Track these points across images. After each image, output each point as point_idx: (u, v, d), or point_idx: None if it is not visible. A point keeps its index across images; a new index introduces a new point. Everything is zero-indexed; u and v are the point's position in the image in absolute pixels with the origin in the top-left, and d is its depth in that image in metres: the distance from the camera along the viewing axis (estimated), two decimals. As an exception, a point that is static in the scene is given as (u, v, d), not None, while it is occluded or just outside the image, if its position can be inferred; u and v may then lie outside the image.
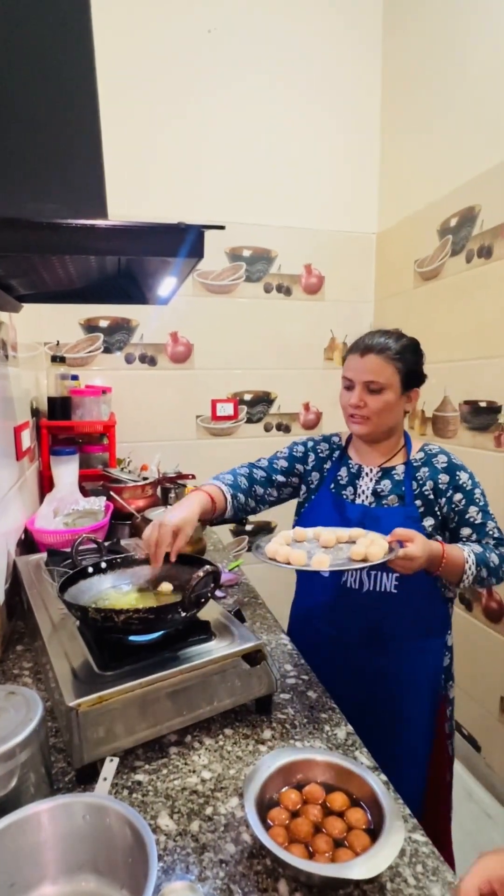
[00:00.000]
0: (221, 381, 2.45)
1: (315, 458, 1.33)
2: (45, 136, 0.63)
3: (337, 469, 1.30)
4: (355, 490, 1.26)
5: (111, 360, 2.30)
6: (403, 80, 2.30)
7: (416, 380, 1.21)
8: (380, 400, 1.16)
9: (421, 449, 1.25)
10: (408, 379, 1.18)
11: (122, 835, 0.59)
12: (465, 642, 2.03)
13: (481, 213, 1.86)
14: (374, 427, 1.19)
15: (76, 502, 1.67)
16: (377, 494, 1.23)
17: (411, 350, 1.19)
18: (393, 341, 1.17)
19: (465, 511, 1.17)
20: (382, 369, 1.15)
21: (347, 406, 1.20)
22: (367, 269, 2.57)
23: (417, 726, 1.24)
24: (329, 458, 1.33)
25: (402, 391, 1.18)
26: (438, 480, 1.19)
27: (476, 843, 1.74)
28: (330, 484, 1.29)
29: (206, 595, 0.93)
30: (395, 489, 1.21)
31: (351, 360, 1.19)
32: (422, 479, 1.20)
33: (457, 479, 1.19)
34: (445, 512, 1.19)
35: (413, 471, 1.22)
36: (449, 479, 1.19)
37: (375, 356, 1.15)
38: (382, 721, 1.18)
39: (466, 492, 1.18)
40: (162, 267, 0.90)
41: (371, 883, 0.63)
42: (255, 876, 0.64)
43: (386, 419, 1.19)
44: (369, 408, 1.17)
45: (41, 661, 1.02)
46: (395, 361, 1.16)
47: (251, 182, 2.34)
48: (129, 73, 2.11)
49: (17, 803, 0.62)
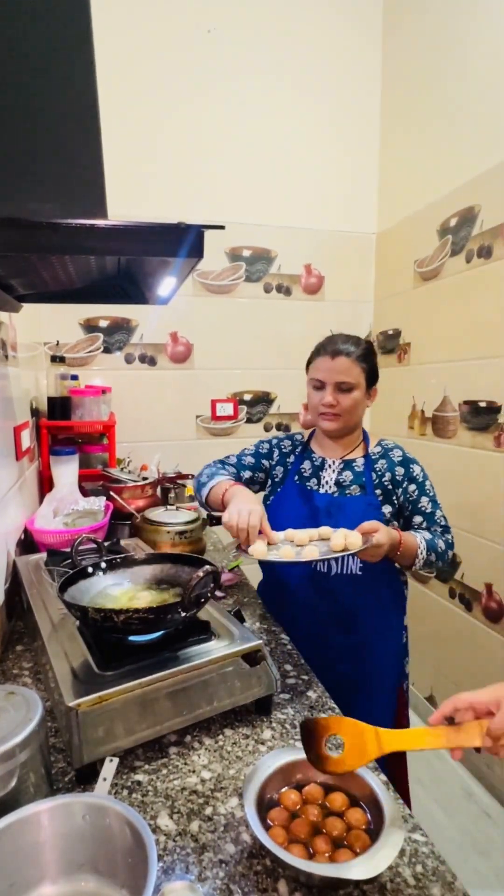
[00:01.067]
0: (221, 381, 2.45)
1: (279, 454, 1.43)
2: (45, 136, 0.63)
3: (300, 462, 1.40)
4: (319, 481, 1.35)
5: (111, 360, 2.30)
6: (403, 81, 2.30)
7: (376, 379, 1.33)
8: (349, 398, 1.27)
9: (378, 443, 1.38)
10: (370, 379, 1.31)
11: (122, 835, 0.59)
12: (464, 642, 2.04)
13: (481, 213, 1.86)
14: (343, 423, 1.30)
15: (76, 502, 1.67)
16: (340, 485, 1.33)
17: (371, 352, 1.32)
18: (355, 345, 1.28)
19: (417, 500, 1.31)
20: (351, 370, 1.26)
21: (319, 405, 1.29)
22: (367, 269, 2.57)
23: (383, 697, 1.36)
24: (292, 452, 1.43)
25: (367, 389, 1.31)
26: (395, 472, 1.31)
27: (476, 842, 1.74)
28: (294, 476, 1.38)
29: (206, 595, 0.93)
30: (356, 479, 1.32)
31: (320, 362, 1.29)
32: (380, 471, 1.32)
33: (411, 472, 1.32)
34: (402, 501, 1.31)
35: (372, 463, 1.33)
36: (404, 471, 1.32)
37: (345, 358, 1.26)
38: (351, 695, 1.24)
39: (419, 483, 1.32)
40: (162, 267, 0.90)
41: (371, 883, 0.63)
42: (255, 876, 0.64)
43: (354, 415, 1.31)
44: (341, 405, 1.27)
45: (41, 661, 1.02)
46: (360, 362, 1.27)
47: (251, 182, 2.34)
48: (129, 72, 2.11)
49: (17, 803, 0.62)
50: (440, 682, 2.20)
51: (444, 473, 2.00)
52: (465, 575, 2.02)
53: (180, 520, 1.55)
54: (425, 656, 2.21)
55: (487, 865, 1.67)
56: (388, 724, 1.32)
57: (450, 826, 1.80)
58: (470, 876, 1.62)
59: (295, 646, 1.18)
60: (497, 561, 1.86)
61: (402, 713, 1.41)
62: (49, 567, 1.29)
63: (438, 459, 2.09)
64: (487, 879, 1.62)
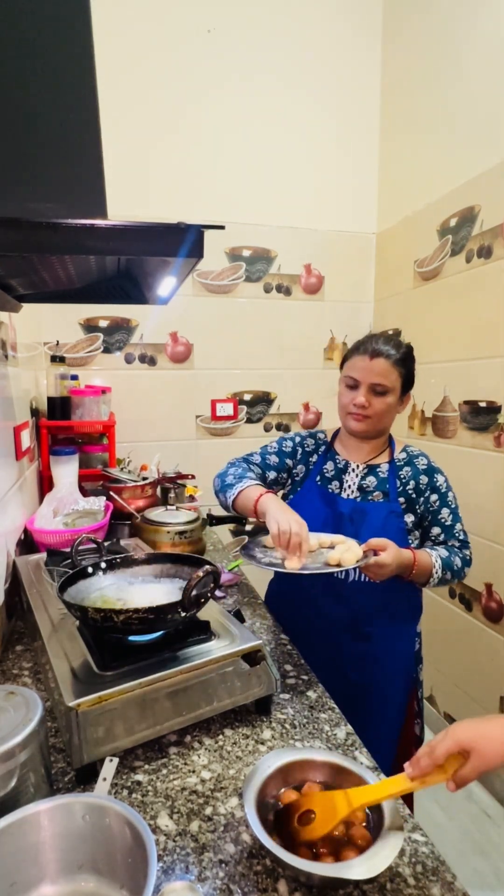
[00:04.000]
0: (221, 381, 2.45)
1: (302, 453, 1.39)
2: (45, 136, 0.63)
3: (323, 463, 1.36)
4: (341, 484, 1.32)
5: (111, 360, 2.30)
6: (403, 81, 2.30)
7: (411, 385, 1.29)
8: (383, 402, 1.23)
9: (403, 449, 1.33)
10: (406, 384, 1.26)
11: (122, 835, 0.59)
12: (465, 642, 2.04)
13: (481, 213, 1.86)
14: (371, 426, 1.25)
15: (76, 502, 1.67)
16: (363, 490, 1.29)
17: (410, 357, 1.27)
18: (396, 348, 1.23)
19: (438, 512, 1.27)
20: (389, 373, 1.21)
21: (349, 404, 1.25)
22: (367, 269, 2.57)
23: (392, 707, 1.32)
24: (315, 451, 1.38)
25: (401, 395, 1.26)
26: (420, 481, 1.27)
27: (476, 842, 1.74)
28: (316, 477, 1.34)
29: (206, 595, 0.93)
30: (380, 486, 1.28)
31: (358, 360, 1.23)
32: (405, 478, 1.28)
33: (434, 482, 1.28)
34: (422, 511, 1.27)
35: (396, 469, 1.29)
36: (428, 480, 1.28)
37: (384, 360, 1.21)
38: (359, 703, 1.23)
39: (441, 494, 1.28)
40: (162, 267, 0.90)
41: (371, 883, 0.63)
42: (255, 876, 0.64)
43: (384, 420, 1.26)
44: (373, 408, 1.23)
45: (41, 661, 1.02)
46: (398, 366, 1.22)
47: (251, 182, 2.34)
48: (129, 72, 2.11)
49: (17, 803, 0.62)
50: (440, 682, 2.20)
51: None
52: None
53: (180, 520, 1.55)
54: (425, 656, 2.20)
55: (487, 865, 1.67)
56: (395, 734, 1.32)
57: (450, 826, 1.80)
58: (470, 876, 1.62)
59: (307, 653, 1.15)
60: (497, 561, 1.86)
61: (412, 723, 1.36)
62: (49, 567, 1.29)
63: (438, 459, 2.07)
64: (487, 879, 1.62)
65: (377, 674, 1.29)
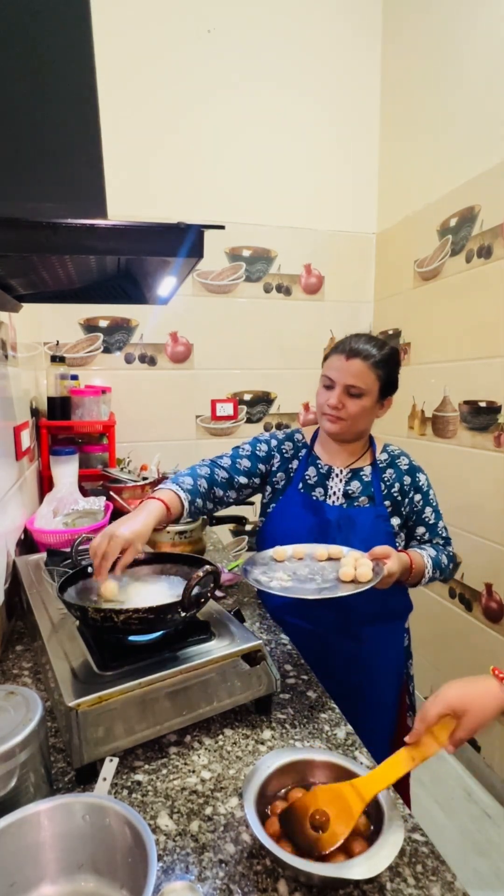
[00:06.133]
0: (221, 381, 2.45)
1: (280, 459, 1.32)
2: (45, 136, 0.63)
3: (304, 468, 1.31)
4: (326, 491, 1.28)
5: (111, 360, 2.30)
6: (403, 81, 2.30)
7: (392, 388, 1.24)
8: (358, 404, 1.19)
9: (384, 450, 1.30)
10: (386, 388, 1.22)
11: (122, 835, 0.59)
12: (464, 642, 2.04)
13: (481, 213, 1.86)
14: (345, 428, 1.22)
15: (76, 502, 1.67)
16: (348, 496, 1.26)
17: (393, 360, 1.22)
18: (377, 349, 1.19)
19: (422, 511, 1.27)
20: (365, 375, 1.17)
21: (324, 405, 1.22)
22: (367, 269, 2.57)
23: (385, 704, 1.32)
24: (295, 457, 1.33)
25: (379, 399, 1.22)
26: (404, 482, 1.26)
27: (475, 842, 1.74)
28: (298, 484, 1.29)
29: (206, 595, 0.93)
30: (364, 490, 1.26)
31: (334, 360, 1.20)
32: (389, 481, 1.26)
33: (417, 481, 1.27)
34: (408, 512, 1.26)
35: (380, 472, 1.27)
36: (411, 480, 1.26)
37: (361, 361, 1.17)
38: (352, 704, 1.20)
39: (424, 493, 1.27)
40: (162, 267, 0.90)
41: (371, 883, 0.63)
42: (255, 876, 0.64)
43: (359, 423, 1.23)
44: (346, 410, 1.19)
45: (41, 660, 1.02)
46: (377, 369, 1.18)
47: (251, 182, 2.34)
48: (129, 72, 2.11)
49: (17, 803, 0.62)
50: (440, 682, 2.19)
51: (444, 473, 2.01)
52: (465, 575, 2.02)
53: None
54: (425, 656, 2.21)
55: (487, 865, 1.67)
56: (390, 730, 1.32)
57: (450, 826, 1.80)
58: (470, 876, 1.62)
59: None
60: (497, 561, 1.86)
61: (405, 717, 1.37)
62: (49, 567, 1.29)
63: (438, 459, 2.09)
64: (487, 879, 1.62)
65: (369, 674, 1.29)
